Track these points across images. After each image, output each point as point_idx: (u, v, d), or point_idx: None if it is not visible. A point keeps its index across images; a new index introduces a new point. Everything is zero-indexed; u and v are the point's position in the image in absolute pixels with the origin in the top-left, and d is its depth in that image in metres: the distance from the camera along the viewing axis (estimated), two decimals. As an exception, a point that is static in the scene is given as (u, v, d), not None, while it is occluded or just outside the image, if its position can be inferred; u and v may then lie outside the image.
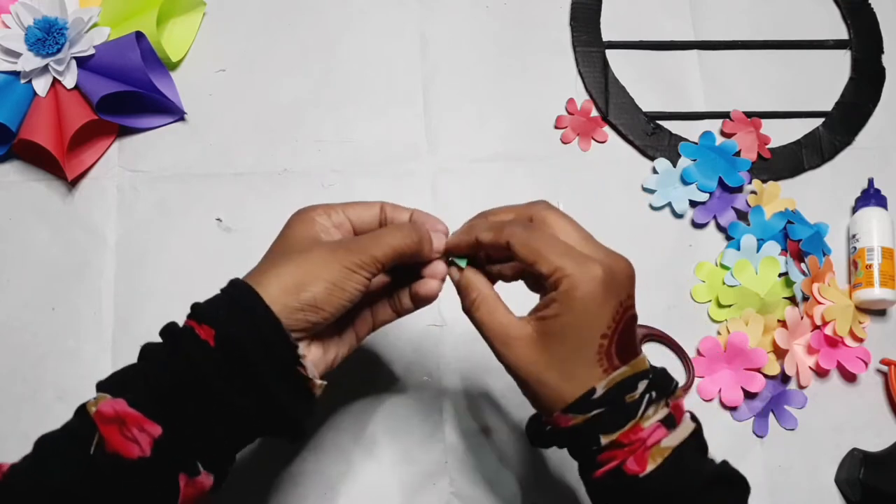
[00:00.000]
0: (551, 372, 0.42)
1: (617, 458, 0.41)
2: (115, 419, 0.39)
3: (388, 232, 0.45)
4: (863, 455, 0.61)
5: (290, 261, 0.43)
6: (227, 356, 0.40)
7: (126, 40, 0.64)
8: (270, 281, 0.42)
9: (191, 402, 0.40)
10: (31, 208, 0.66)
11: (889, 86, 0.74)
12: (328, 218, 0.46)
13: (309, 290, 0.42)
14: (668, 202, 0.68)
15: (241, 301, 0.41)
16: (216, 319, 0.41)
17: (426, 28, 0.72)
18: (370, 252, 0.43)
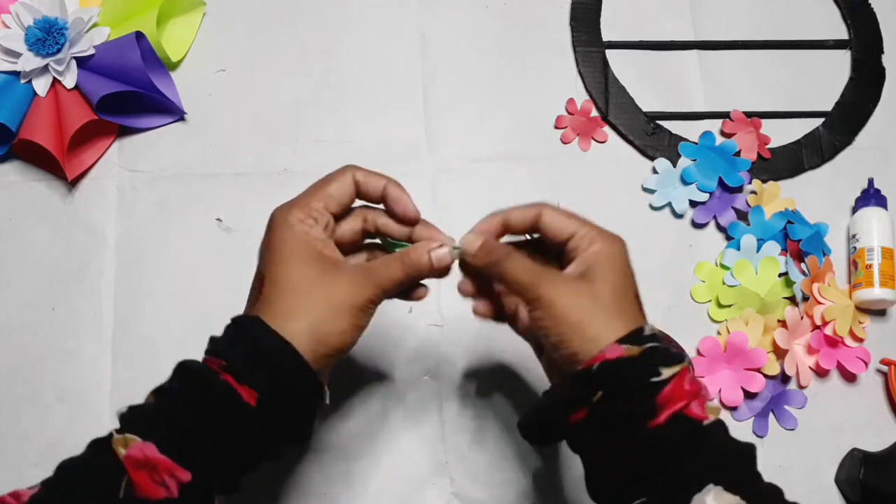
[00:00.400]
0: (596, 307, 0.42)
1: (680, 399, 0.39)
2: (145, 464, 0.39)
3: (397, 264, 0.45)
4: (863, 455, 0.61)
5: (314, 305, 0.43)
6: (266, 418, 0.41)
7: (126, 40, 0.64)
8: (301, 331, 0.42)
9: (219, 448, 0.40)
10: (31, 208, 0.66)
11: (889, 86, 0.74)
12: (314, 223, 0.45)
13: (337, 337, 0.42)
14: (668, 202, 0.68)
15: (282, 361, 0.41)
16: (257, 382, 0.40)
17: (426, 28, 0.72)
18: (382, 287, 0.44)
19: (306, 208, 0.45)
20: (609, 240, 0.45)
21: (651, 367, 0.40)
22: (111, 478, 0.39)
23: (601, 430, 0.41)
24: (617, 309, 0.42)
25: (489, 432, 0.62)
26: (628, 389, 0.40)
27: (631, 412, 0.40)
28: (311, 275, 0.43)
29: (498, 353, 0.64)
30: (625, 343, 0.40)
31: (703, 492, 0.38)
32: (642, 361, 0.40)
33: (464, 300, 0.65)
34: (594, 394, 0.41)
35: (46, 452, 0.60)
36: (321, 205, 0.45)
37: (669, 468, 0.40)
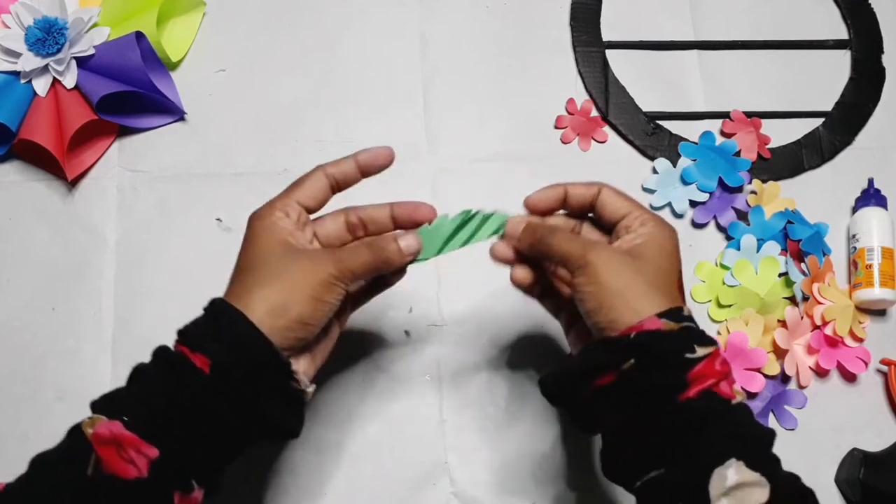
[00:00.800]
0: (640, 281, 0.43)
1: (711, 377, 0.41)
2: (112, 441, 0.39)
3: (364, 249, 0.46)
4: (863, 455, 0.61)
5: (272, 279, 0.44)
6: (223, 383, 0.41)
7: (126, 40, 0.64)
8: (256, 303, 0.43)
9: (187, 425, 0.41)
10: (31, 208, 0.66)
11: (889, 86, 0.74)
12: (288, 217, 0.47)
13: (295, 308, 0.43)
14: (668, 202, 0.68)
15: (232, 327, 0.42)
16: (209, 349, 0.42)
17: (426, 28, 0.72)
18: (347, 265, 0.45)
19: (277, 205, 0.47)
20: (661, 225, 0.46)
21: (687, 343, 0.42)
22: (79, 457, 0.39)
23: (627, 397, 0.42)
24: (659, 287, 0.44)
25: (489, 432, 0.62)
26: (663, 361, 0.41)
27: (663, 383, 0.41)
28: (273, 256, 0.45)
29: (498, 353, 0.64)
30: (664, 318, 0.42)
31: (725, 465, 0.39)
32: (679, 337, 0.42)
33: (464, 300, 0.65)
34: (625, 361, 0.42)
35: (46, 452, 0.60)
36: (291, 200, 0.47)
37: (694, 441, 0.40)
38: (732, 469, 0.39)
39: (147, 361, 0.43)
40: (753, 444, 0.41)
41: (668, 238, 0.46)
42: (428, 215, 0.49)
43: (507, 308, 0.65)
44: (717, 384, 0.41)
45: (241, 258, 0.46)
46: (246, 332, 0.42)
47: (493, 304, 0.65)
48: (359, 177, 0.49)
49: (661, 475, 0.41)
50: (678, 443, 0.41)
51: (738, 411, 0.41)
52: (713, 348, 0.42)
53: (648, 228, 0.46)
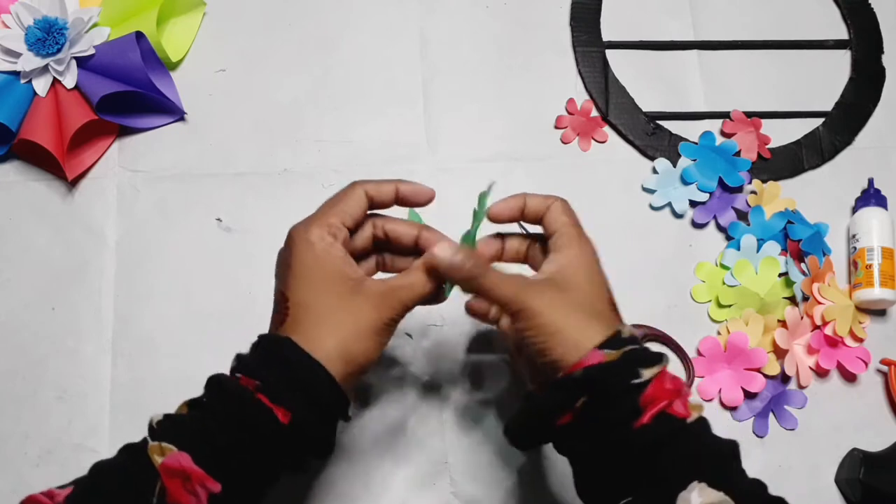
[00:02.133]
0: (577, 314, 0.44)
1: (662, 398, 0.41)
2: (180, 474, 0.40)
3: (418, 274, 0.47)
4: (863, 455, 0.61)
5: (338, 323, 0.44)
6: (300, 433, 0.42)
7: (126, 40, 0.64)
8: (328, 350, 0.43)
9: (254, 467, 0.42)
10: (31, 208, 0.66)
11: (889, 86, 0.74)
12: (332, 239, 0.46)
13: (362, 354, 0.44)
14: (668, 202, 0.68)
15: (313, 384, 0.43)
16: (290, 403, 0.42)
17: (426, 28, 0.72)
18: (403, 303, 0.46)
19: (324, 225, 0.46)
20: (580, 245, 0.47)
21: (631, 369, 0.41)
22: (145, 483, 0.40)
23: (586, 433, 0.42)
24: (594, 313, 0.44)
25: (489, 432, 0.62)
26: (611, 393, 0.41)
27: (616, 415, 0.41)
28: (336, 296, 0.44)
29: (498, 353, 0.64)
30: (604, 348, 0.42)
31: (688, 489, 0.39)
32: (622, 364, 0.41)
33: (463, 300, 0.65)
34: (577, 399, 0.42)
35: (46, 452, 0.60)
36: (338, 220, 0.46)
37: (655, 466, 0.41)
38: (695, 492, 0.39)
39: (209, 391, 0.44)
40: (715, 461, 0.41)
41: (589, 257, 0.47)
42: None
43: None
44: (669, 405, 0.41)
45: (296, 289, 0.45)
46: (327, 387, 0.43)
47: (493, 304, 0.65)
48: (391, 204, 0.49)
49: (630, 503, 0.41)
50: (641, 469, 0.41)
51: (695, 429, 0.41)
52: (660, 367, 0.42)
53: (572, 251, 0.46)
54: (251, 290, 0.64)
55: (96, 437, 0.61)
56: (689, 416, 0.41)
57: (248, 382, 0.42)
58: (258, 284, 0.64)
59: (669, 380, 0.42)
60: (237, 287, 0.65)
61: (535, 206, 0.49)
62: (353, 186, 0.48)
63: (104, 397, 0.62)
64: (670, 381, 0.42)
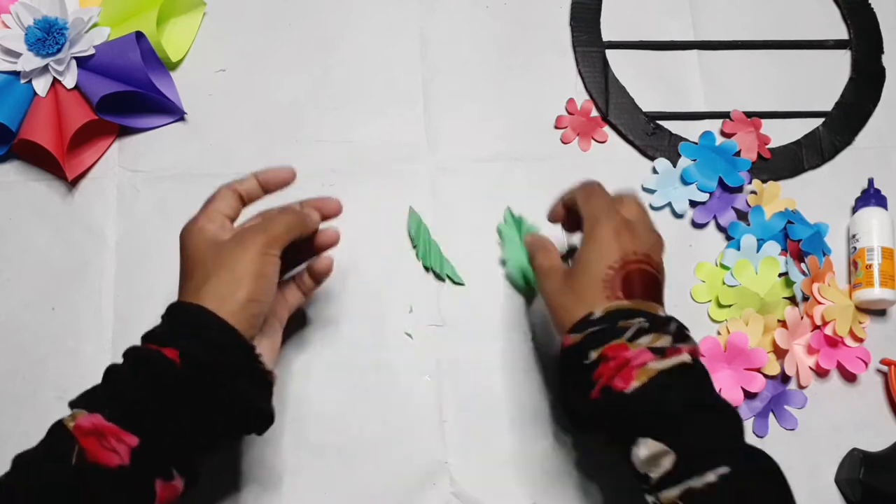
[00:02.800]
0: (568, 296, 0.50)
1: (604, 374, 0.46)
2: (93, 431, 0.42)
3: (279, 214, 0.51)
4: (863, 455, 0.61)
5: (213, 272, 0.47)
6: (195, 371, 0.44)
7: (126, 40, 0.64)
8: (207, 297, 0.46)
9: (163, 414, 0.44)
10: (31, 208, 0.66)
11: (889, 86, 0.74)
12: (212, 223, 0.50)
13: (240, 289, 0.47)
14: (668, 202, 0.68)
15: (193, 320, 0.46)
16: (178, 342, 0.45)
17: (426, 28, 0.72)
18: (272, 232, 0.49)
19: (199, 217, 0.50)
20: (592, 229, 0.51)
21: (584, 351, 0.47)
22: (63, 449, 0.42)
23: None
24: (583, 292, 0.50)
25: (489, 432, 0.62)
26: (573, 370, 0.49)
27: (579, 387, 0.48)
28: (208, 254, 0.48)
29: (498, 353, 0.64)
30: (572, 332, 0.49)
31: (636, 444, 0.45)
32: (580, 347, 0.48)
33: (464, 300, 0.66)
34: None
35: (46, 452, 0.60)
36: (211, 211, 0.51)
37: (609, 430, 0.48)
38: (642, 446, 0.45)
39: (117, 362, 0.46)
40: (654, 419, 0.45)
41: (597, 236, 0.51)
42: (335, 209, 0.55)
43: (507, 308, 0.65)
44: (611, 379, 0.46)
45: (181, 270, 0.50)
46: (206, 321, 0.45)
47: (493, 304, 0.65)
48: (262, 192, 0.54)
49: None
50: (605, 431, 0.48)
51: (635, 396, 0.45)
52: (604, 348, 0.47)
53: (588, 228, 0.52)
54: (251, 290, 0.64)
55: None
56: (628, 387, 0.45)
57: (143, 340, 0.46)
58: (258, 284, 0.64)
59: (613, 358, 0.46)
60: (237, 287, 0.65)
61: (569, 199, 0.55)
62: (221, 188, 0.53)
63: (104, 397, 0.62)
64: (613, 359, 0.46)
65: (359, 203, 0.67)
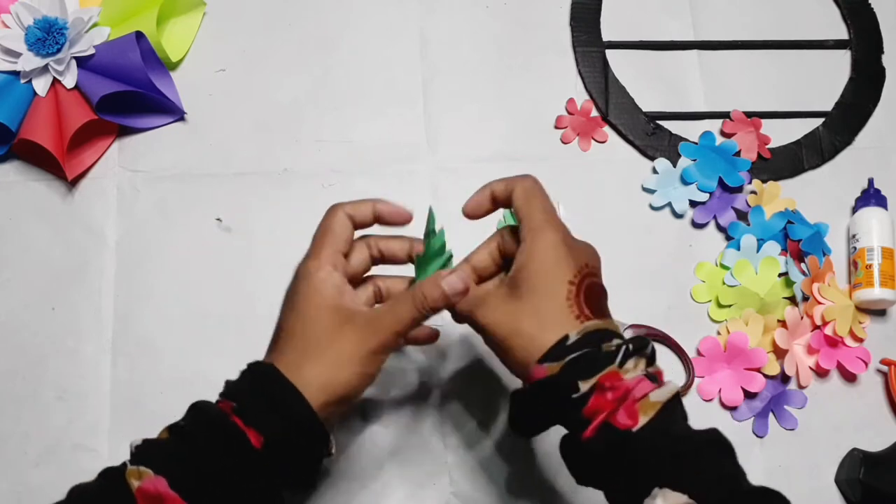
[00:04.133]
0: (526, 321, 0.43)
1: (604, 409, 0.40)
2: (156, 498, 0.40)
3: (407, 304, 0.46)
4: (863, 455, 0.61)
5: (322, 353, 0.44)
6: (273, 461, 0.42)
7: (126, 40, 0.64)
8: (309, 378, 0.43)
9: (227, 493, 0.42)
10: (31, 208, 0.66)
11: (889, 86, 0.74)
12: (336, 271, 0.46)
13: (343, 386, 0.44)
14: (668, 202, 0.68)
15: (287, 405, 0.43)
16: (264, 426, 0.42)
17: (426, 28, 0.72)
18: (392, 332, 0.45)
19: (321, 256, 0.46)
20: (538, 235, 0.45)
21: (570, 382, 0.41)
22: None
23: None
24: (545, 321, 0.43)
25: (489, 432, 0.62)
26: (556, 408, 0.42)
27: (567, 428, 0.43)
28: (325, 326, 0.45)
29: (498, 353, 0.64)
30: (546, 361, 0.42)
31: (651, 496, 0.39)
32: (561, 378, 0.41)
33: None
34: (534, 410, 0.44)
35: (46, 452, 0.60)
36: (331, 248, 0.47)
37: (610, 479, 0.42)
38: (659, 499, 0.39)
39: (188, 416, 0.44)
40: (672, 464, 0.40)
41: (547, 248, 0.44)
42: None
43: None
44: (612, 415, 0.40)
45: (289, 318, 0.46)
46: (302, 413, 0.43)
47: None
48: (373, 223, 0.49)
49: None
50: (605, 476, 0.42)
51: (644, 436, 0.40)
52: (598, 377, 0.41)
53: (529, 244, 0.45)
54: (251, 289, 0.64)
55: (96, 437, 0.61)
56: (636, 423, 0.40)
57: (226, 405, 0.43)
58: (258, 284, 0.64)
59: (611, 389, 0.41)
60: (237, 287, 0.65)
61: (500, 193, 0.48)
62: (334, 210, 0.48)
63: (104, 397, 0.62)
64: (612, 390, 0.41)
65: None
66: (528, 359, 0.43)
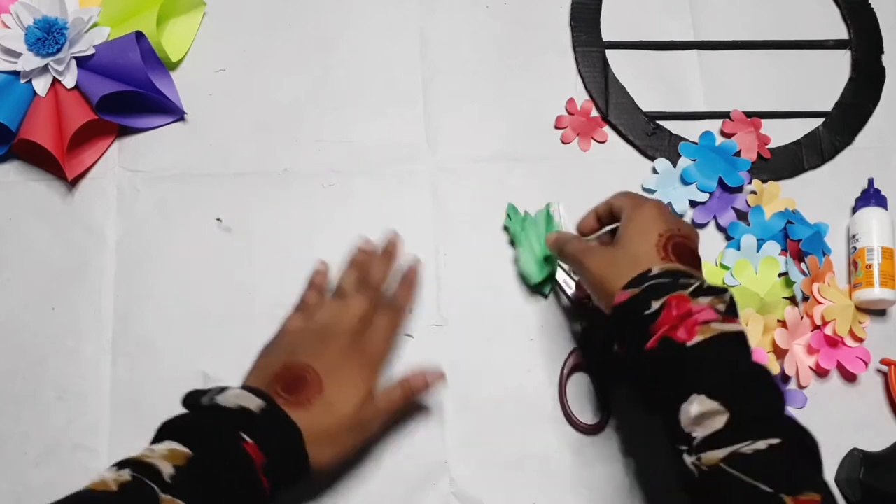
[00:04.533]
0: (620, 261, 0.51)
1: (665, 324, 0.47)
2: None
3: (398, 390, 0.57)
4: (863, 455, 0.61)
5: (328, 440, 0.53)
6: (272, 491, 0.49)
7: (126, 40, 0.64)
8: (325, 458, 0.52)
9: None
10: (31, 208, 0.66)
11: (889, 86, 0.74)
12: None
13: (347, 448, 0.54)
14: (668, 202, 0.68)
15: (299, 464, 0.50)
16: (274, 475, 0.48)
17: (426, 28, 0.72)
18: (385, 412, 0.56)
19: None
20: (632, 212, 0.54)
21: (645, 301, 0.48)
22: None
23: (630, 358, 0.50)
24: (633, 261, 0.51)
25: (489, 432, 0.62)
26: (629, 324, 0.49)
27: (634, 339, 0.49)
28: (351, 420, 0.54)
29: (498, 353, 0.64)
30: (629, 287, 0.49)
31: (688, 401, 0.45)
32: (639, 298, 0.48)
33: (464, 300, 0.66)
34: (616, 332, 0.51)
35: (46, 452, 0.60)
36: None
37: (662, 383, 0.47)
38: (695, 403, 0.44)
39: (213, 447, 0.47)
40: (712, 377, 0.45)
41: (639, 218, 0.53)
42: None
43: (507, 308, 0.65)
44: (671, 330, 0.46)
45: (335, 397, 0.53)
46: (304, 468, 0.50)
47: (493, 304, 0.65)
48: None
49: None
50: (657, 385, 0.48)
51: (695, 351, 0.46)
52: (666, 297, 0.47)
53: (624, 219, 0.54)
54: (251, 289, 0.64)
55: (96, 437, 0.61)
56: (691, 339, 0.46)
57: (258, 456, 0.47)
58: (258, 284, 0.64)
59: (677, 307, 0.47)
60: (237, 287, 0.65)
61: (603, 211, 0.59)
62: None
63: (104, 397, 0.62)
64: (677, 308, 0.47)
65: (359, 203, 0.67)
66: (613, 291, 0.50)
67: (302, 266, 0.64)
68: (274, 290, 0.64)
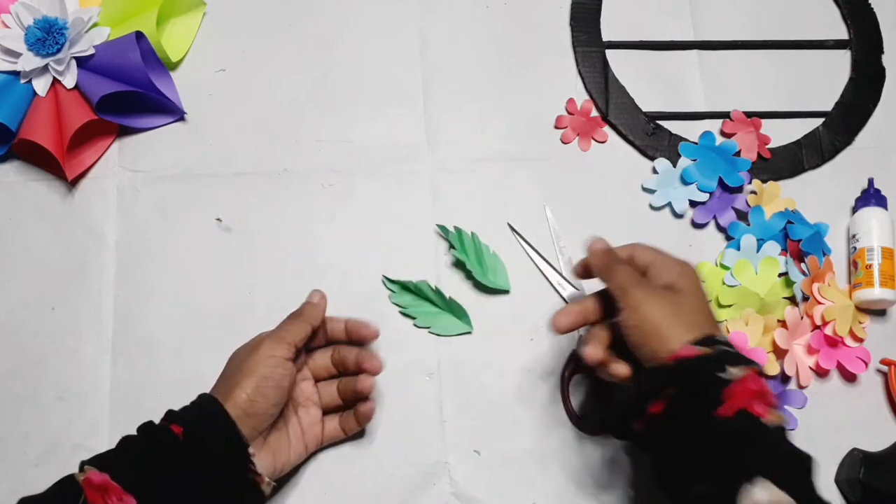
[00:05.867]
0: (676, 318, 0.48)
1: (742, 395, 0.44)
2: (100, 487, 0.47)
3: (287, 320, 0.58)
4: (863, 455, 0.61)
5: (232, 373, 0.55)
6: (192, 449, 0.50)
7: (126, 40, 0.64)
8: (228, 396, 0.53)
9: (160, 482, 0.49)
10: (31, 208, 0.66)
11: (889, 86, 0.74)
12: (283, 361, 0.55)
13: (244, 390, 0.52)
14: (668, 202, 0.68)
15: (206, 408, 0.52)
16: (186, 421, 0.51)
17: (426, 28, 0.72)
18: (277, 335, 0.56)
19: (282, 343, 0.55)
20: (684, 264, 0.52)
21: (719, 364, 0.46)
22: (70, 499, 0.47)
23: (676, 418, 0.47)
24: (695, 316, 0.49)
25: (489, 432, 0.62)
26: (700, 383, 0.46)
27: (701, 401, 0.46)
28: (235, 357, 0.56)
29: (498, 353, 0.64)
30: (698, 344, 0.47)
31: (753, 482, 0.42)
32: (713, 359, 0.46)
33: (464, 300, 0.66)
34: (668, 387, 0.47)
35: (46, 452, 0.60)
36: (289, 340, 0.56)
37: (728, 456, 0.44)
38: (759, 487, 0.41)
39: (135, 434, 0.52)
40: (784, 464, 0.43)
41: (694, 274, 0.52)
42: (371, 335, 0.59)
43: (507, 308, 0.65)
44: (750, 403, 0.44)
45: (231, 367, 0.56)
46: (214, 410, 0.52)
47: (493, 305, 0.65)
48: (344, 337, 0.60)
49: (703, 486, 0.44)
50: (717, 457, 0.44)
51: (771, 432, 0.44)
52: (748, 369, 0.46)
53: (679, 268, 0.52)
54: (251, 289, 0.64)
55: (96, 437, 0.61)
56: (766, 417, 0.44)
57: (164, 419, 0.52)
58: (258, 284, 0.64)
59: (754, 381, 0.45)
60: (237, 287, 0.65)
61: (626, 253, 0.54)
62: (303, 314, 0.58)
63: (104, 397, 0.62)
64: (754, 382, 0.45)
65: (359, 203, 0.67)
66: (668, 345, 0.47)
67: (302, 266, 0.65)
68: (274, 290, 0.64)
